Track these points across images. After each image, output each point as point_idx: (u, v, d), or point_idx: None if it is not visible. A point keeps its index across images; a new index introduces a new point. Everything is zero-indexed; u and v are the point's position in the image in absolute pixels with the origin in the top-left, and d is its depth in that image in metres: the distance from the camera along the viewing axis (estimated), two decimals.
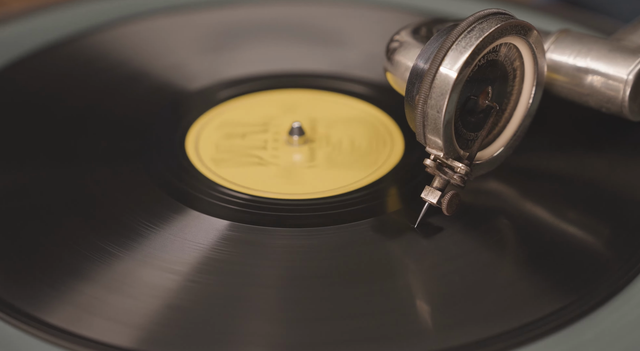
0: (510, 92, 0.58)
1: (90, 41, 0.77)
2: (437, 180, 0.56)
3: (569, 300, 0.52)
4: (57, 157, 0.64)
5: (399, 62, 0.61)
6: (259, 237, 0.57)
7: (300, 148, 0.65)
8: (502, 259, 0.56)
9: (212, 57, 0.76)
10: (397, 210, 0.60)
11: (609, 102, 0.61)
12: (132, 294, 0.52)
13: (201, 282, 0.53)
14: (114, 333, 0.50)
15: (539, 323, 0.50)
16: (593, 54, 0.61)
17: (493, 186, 0.60)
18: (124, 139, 0.66)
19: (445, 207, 0.55)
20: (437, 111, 0.54)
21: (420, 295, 0.54)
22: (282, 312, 0.52)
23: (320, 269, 0.54)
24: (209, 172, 0.62)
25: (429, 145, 0.55)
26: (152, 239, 0.56)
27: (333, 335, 0.50)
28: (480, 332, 0.50)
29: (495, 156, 0.59)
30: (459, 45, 0.54)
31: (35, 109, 0.69)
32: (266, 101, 0.71)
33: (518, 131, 0.59)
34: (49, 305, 0.52)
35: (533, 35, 0.56)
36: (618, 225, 0.57)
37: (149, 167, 0.63)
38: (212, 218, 0.58)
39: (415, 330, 0.51)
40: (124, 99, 0.71)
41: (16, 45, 0.76)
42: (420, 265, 0.55)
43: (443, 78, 0.53)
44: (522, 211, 0.59)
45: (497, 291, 0.53)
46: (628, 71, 0.60)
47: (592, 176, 0.61)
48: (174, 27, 0.80)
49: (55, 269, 0.54)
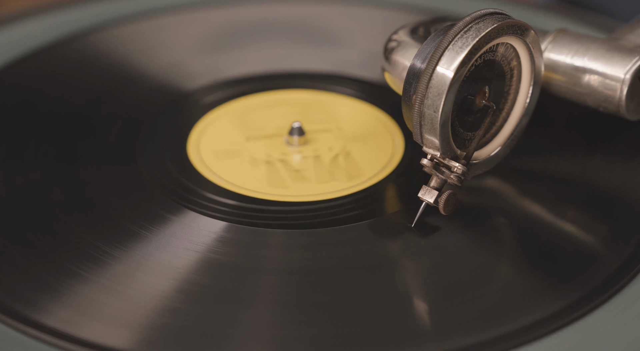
0: (507, 91, 0.58)
1: (90, 41, 0.77)
2: (434, 179, 0.56)
3: (568, 301, 0.52)
4: (56, 157, 0.64)
5: (397, 62, 0.61)
6: (256, 238, 0.56)
7: (300, 148, 0.65)
8: (500, 259, 0.56)
9: (212, 57, 0.76)
10: (397, 211, 0.60)
11: (606, 101, 0.61)
12: (130, 296, 0.52)
13: (199, 284, 0.53)
14: (111, 335, 0.50)
15: (537, 324, 0.50)
16: (591, 54, 0.61)
17: (491, 186, 0.60)
18: (124, 139, 0.66)
19: (442, 206, 0.55)
20: (434, 110, 0.54)
21: (418, 296, 0.53)
22: (281, 313, 0.52)
23: (318, 270, 0.54)
24: (209, 173, 0.62)
25: (426, 145, 0.55)
26: (150, 240, 0.56)
27: (332, 336, 0.50)
28: (479, 334, 0.50)
29: (493, 156, 0.59)
30: (455, 45, 0.54)
31: (35, 109, 0.69)
32: (266, 101, 0.71)
33: (515, 131, 0.59)
34: (46, 306, 0.52)
35: (530, 35, 0.56)
36: (617, 224, 0.57)
37: (148, 168, 0.63)
38: (211, 219, 0.58)
39: (413, 331, 0.51)
40: (123, 99, 0.71)
41: (16, 45, 0.76)
42: (418, 265, 0.55)
43: (440, 78, 0.54)
44: (520, 210, 0.59)
45: (495, 292, 0.53)
46: (625, 71, 0.60)
47: (590, 175, 0.61)
48: (174, 27, 0.80)
49: (52, 270, 0.54)
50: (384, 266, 0.55)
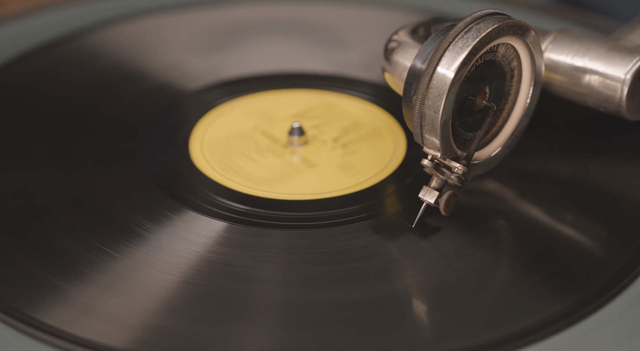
0: (508, 92, 0.58)
1: (90, 41, 0.77)
2: (435, 180, 0.56)
3: (568, 303, 0.52)
4: (56, 157, 0.64)
5: (397, 62, 0.61)
6: (257, 238, 0.57)
7: (300, 148, 0.65)
8: (500, 261, 0.56)
9: (211, 57, 0.76)
10: (398, 211, 0.60)
11: (606, 101, 0.61)
12: (130, 295, 0.52)
13: (199, 283, 0.53)
14: (111, 334, 0.50)
15: (536, 326, 0.50)
16: (591, 54, 0.61)
17: (491, 187, 0.60)
18: (124, 139, 0.66)
19: (442, 207, 0.55)
20: (435, 111, 0.54)
21: (417, 296, 0.53)
22: (281, 314, 0.52)
23: (317, 270, 0.54)
24: (209, 172, 0.62)
25: (427, 145, 0.55)
26: (150, 240, 0.56)
27: (331, 337, 0.50)
28: (478, 335, 0.50)
29: (493, 156, 0.59)
30: (456, 45, 0.54)
31: (35, 109, 0.69)
32: (267, 101, 0.71)
33: (516, 131, 0.59)
34: (46, 305, 0.52)
35: (530, 35, 0.56)
36: (617, 226, 0.57)
37: (148, 168, 0.63)
38: (211, 218, 0.58)
39: (412, 332, 0.51)
40: (123, 99, 0.71)
41: (16, 45, 0.76)
42: (418, 266, 0.55)
43: (440, 78, 0.54)
44: (521, 212, 0.59)
45: (494, 294, 0.53)
46: (626, 71, 0.60)
47: (590, 177, 0.61)
48: (174, 27, 0.80)
49: (53, 269, 0.54)
50: (384, 267, 0.55)
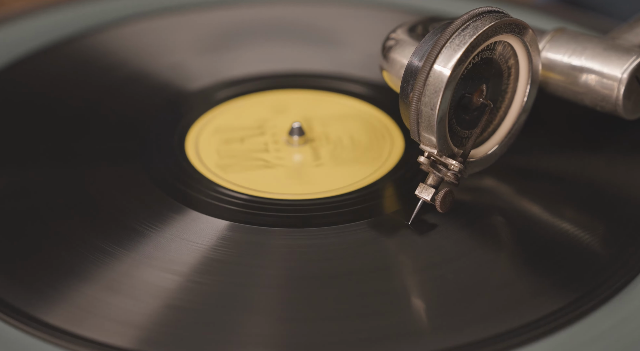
0: (505, 90, 0.58)
1: (90, 41, 0.77)
2: (431, 177, 0.56)
3: (567, 300, 0.52)
4: (57, 157, 0.64)
5: (395, 60, 0.61)
6: (258, 237, 0.57)
7: (301, 148, 0.65)
8: (498, 258, 0.56)
9: (211, 58, 0.76)
10: (397, 210, 0.60)
11: (603, 100, 0.61)
12: (132, 294, 0.52)
13: (201, 282, 0.53)
14: (114, 333, 0.50)
15: (536, 323, 0.50)
16: (588, 53, 0.61)
17: (489, 184, 0.60)
18: (124, 139, 0.66)
19: (439, 204, 0.55)
20: (431, 108, 0.54)
21: (414, 294, 0.54)
22: (282, 312, 0.52)
23: (318, 269, 0.54)
24: (208, 172, 0.62)
25: (423, 142, 0.55)
26: (151, 240, 0.56)
27: (331, 336, 0.50)
28: (477, 333, 0.50)
29: (490, 154, 0.59)
30: (452, 43, 0.54)
31: (35, 109, 0.69)
32: (266, 101, 0.71)
33: (512, 129, 0.59)
34: (49, 304, 0.52)
35: (528, 33, 0.56)
36: (616, 224, 0.57)
37: (148, 168, 0.63)
38: (212, 218, 0.58)
39: (409, 329, 0.51)
40: (123, 99, 0.71)
41: (16, 45, 0.76)
42: (415, 263, 0.55)
43: (437, 75, 0.54)
44: (518, 209, 0.59)
45: (493, 291, 0.53)
46: (622, 70, 0.60)
47: (588, 174, 0.61)
48: (174, 27, 0.80)
49: (55, 269, 0.54)
50: (381, 264, 0.55)
